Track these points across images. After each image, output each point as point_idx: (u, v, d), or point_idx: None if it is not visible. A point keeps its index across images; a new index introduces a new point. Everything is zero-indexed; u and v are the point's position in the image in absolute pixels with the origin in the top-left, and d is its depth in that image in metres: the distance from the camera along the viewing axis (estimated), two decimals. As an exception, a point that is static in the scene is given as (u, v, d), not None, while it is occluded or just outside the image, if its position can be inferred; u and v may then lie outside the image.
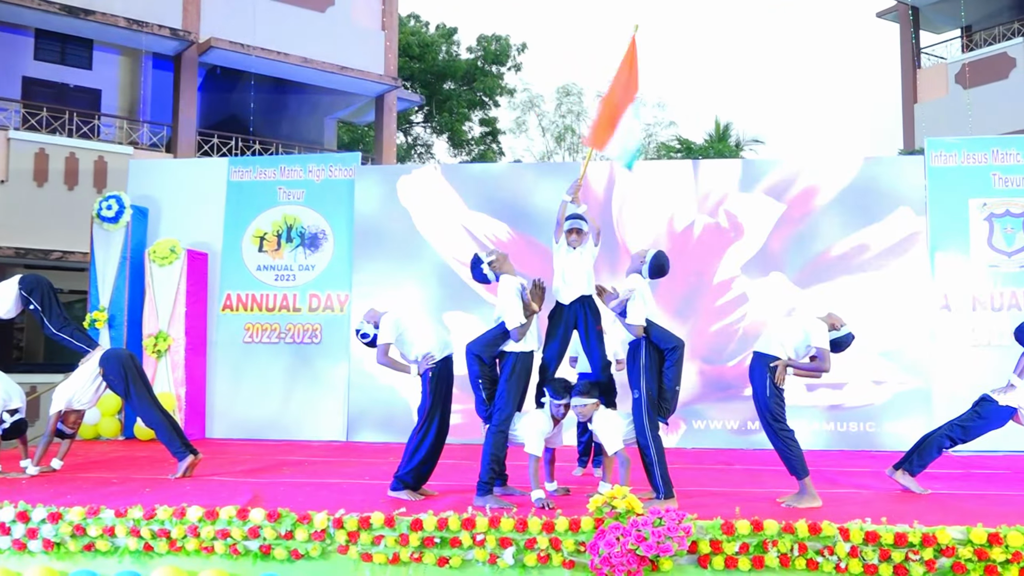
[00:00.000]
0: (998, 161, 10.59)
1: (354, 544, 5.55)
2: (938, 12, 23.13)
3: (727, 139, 31.31)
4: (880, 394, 10.22)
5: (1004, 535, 5.16)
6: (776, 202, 10.80)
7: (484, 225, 11.14)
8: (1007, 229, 10.46)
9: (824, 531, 5.26)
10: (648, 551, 5.13)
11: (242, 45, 17.26)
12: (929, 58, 23.57)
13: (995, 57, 21.18)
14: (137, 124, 17.47)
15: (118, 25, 16.07)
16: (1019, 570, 5.10)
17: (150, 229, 11.58)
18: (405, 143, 32.11)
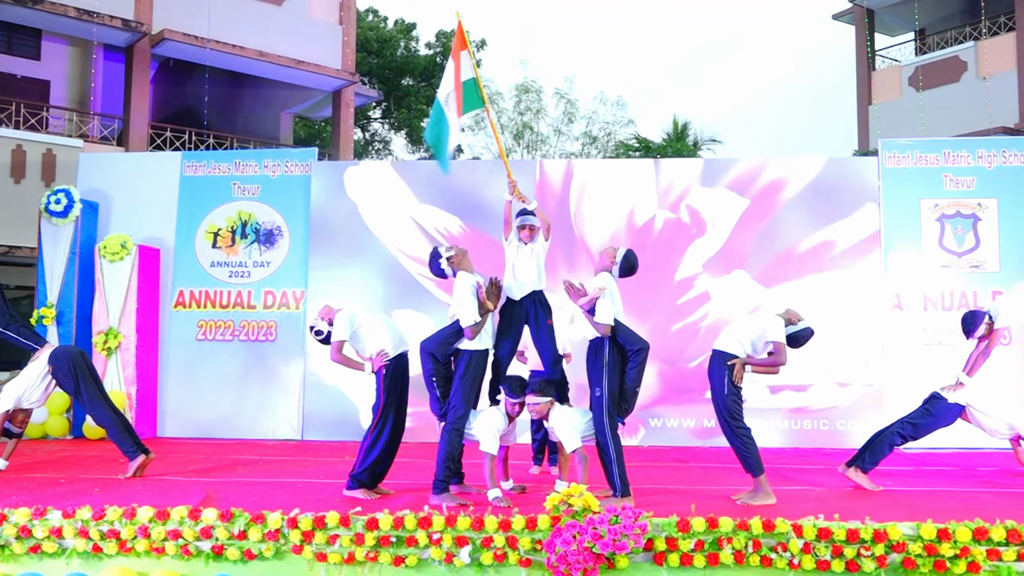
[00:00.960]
0: (950, 163, 10.79)
1: (309, 544, 5.51)
2: (892, 15, 23.51)
3: (685, 138, 31.53)
4: (838, 391, 10.36)
5: (953, 531, 5.27)
6: (739, 197, 10.81)
7: (435, 219, 11.07)
8: (957, 230, 10.67)
9: (778, 528, 5.32)
10: (604, 549, 5.16)
11: (196, 37, 17.02)
12: (883, 60, 23.94)
13: (947, 60, 21.57)
14: (87, 117, 17.16)
15: (67, 15, 15.78)
16: (967, 565, 5.21)
17: (100, 224, 11.40)
18: (363, 139, 31.92)
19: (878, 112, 22.76)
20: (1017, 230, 10.55)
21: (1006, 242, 10.57)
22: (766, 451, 7.01)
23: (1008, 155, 10.75)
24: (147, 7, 16.95)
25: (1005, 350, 10.16)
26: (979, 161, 10.76)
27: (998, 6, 21.12)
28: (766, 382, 10.05)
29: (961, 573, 5.22)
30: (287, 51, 18.29)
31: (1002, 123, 19.67)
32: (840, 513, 5.48)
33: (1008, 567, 5.23)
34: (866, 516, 5.44)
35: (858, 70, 23.76)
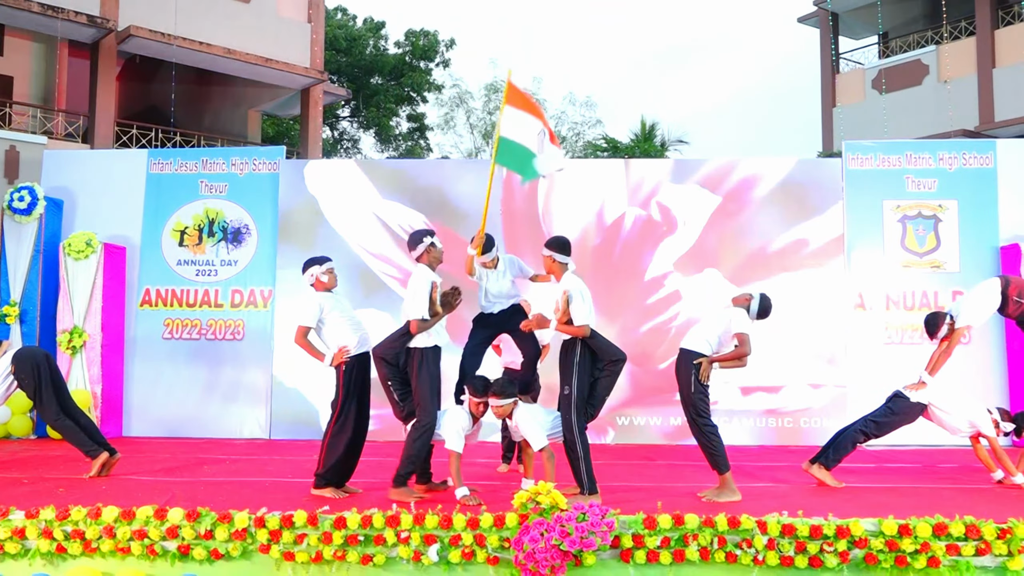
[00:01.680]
0: (911, 165, 10.93)
1: (276, 543, 5.47)
2: (857, 18, 23.75)
3: (653, 139, 31.69)
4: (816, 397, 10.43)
5: (913, 527, 5.34)
6: (711, 194, 10.80)
7: (398, 215, 10.98)
8: (919, 231, 10.81)
9: (743, 524, 5.36)
10: (572, 546, 5.18)
11: (163, 34, 16.84)
12: (847, 63, 24.20)
13: (910, 64, 21.84)
14: (52, 113, 16.93)
15: (31, 11, 15.55)
16: (927, 560, 5.29)
17: (65, 222, 11.26)
18: (331, 137, 31.75)
19: (842, 114, 23.00)
20: (976, 231, 10.71)
21: (966, 243, 10.72)
22: (732, 449, 7.06)
23: (968, 158, 10.91)
24: (113, 3, 16.75)
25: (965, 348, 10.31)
26: (940, 163, 10.91)
27: (959, 11, 21.43)
28: (738, 383, 10.13)
29: (922, 568, 5.29)
30: (255, 48, 18.14)
31: (962, 126, 19.95)
32: (803, 510, 5.53)
33: (967, 562, 5.31)
34: (829, 512, 5.50)
35: (822, 73, 23.99)
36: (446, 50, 32.38)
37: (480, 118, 32.90)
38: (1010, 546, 5.31)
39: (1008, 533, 5.33)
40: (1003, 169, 10.83)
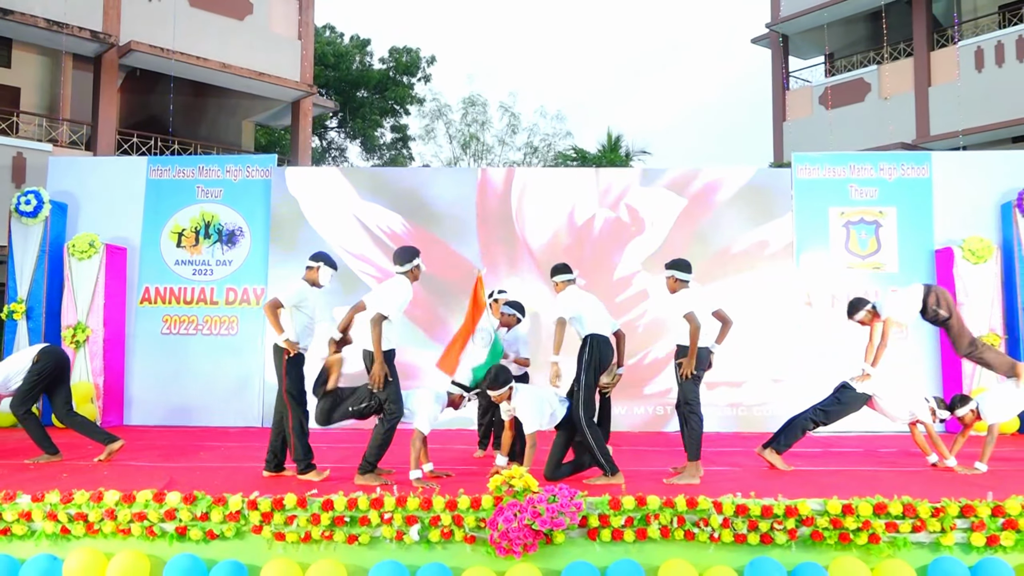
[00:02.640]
0: (855, 175, 11.03)
1: (268, 524, 5.44)
2: (805, 40, 23.92)
3: (618, 149, 31.72)
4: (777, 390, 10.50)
5: (856, 506, 5.39)
6: (678, 196, 10.79)
7: (377, 216, 10.93)
8: (862, 235, 10.92)
9: (700, 505, 5.40)
10: (543, 526, 5.19)
11: (162, 49, 16.67)
12: (796, 81, 24.36)
13: (853, 82, 22.02)
14: (57, 122, 16.70)
15: (38, 26, 15.33)
16: (868, 536, 5.34)
17: (69, 224, 11.13)
18: (320, 147, 31.59)
19: (791, 128, 23.15)
20: (913, 236, 10.84)
21: (904, 246, 10.84)
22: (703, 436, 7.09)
23: (906, 168, 11.03)
24: (115, 19, 16.55)
25: (903, 343, 10.44)
26: (880, 173, 11.02)
27: (898, 34, 21.64)
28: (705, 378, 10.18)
29: (863, 544, 5.35)
30: (249, 63, 18.01)
31: (901, 139, 20.15)
32: (756, 491, 5.58)
33: (904, 538, 5.37)
34: (778, 494, 5.54)
35: (773, 89, 24.13)
36: (427, 66, 32.32)
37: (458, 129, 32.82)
38: (943, 523, 5.39)
39: (941, 512, 5.40)
40: (937, 179, 10.95)
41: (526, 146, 33.31)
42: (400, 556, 5.36)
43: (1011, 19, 19.83)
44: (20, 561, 5.46)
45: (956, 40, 20.40)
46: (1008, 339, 10.34)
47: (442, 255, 10.69)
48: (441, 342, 10.42)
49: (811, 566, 5.26)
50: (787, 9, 23.26)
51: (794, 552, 5.36)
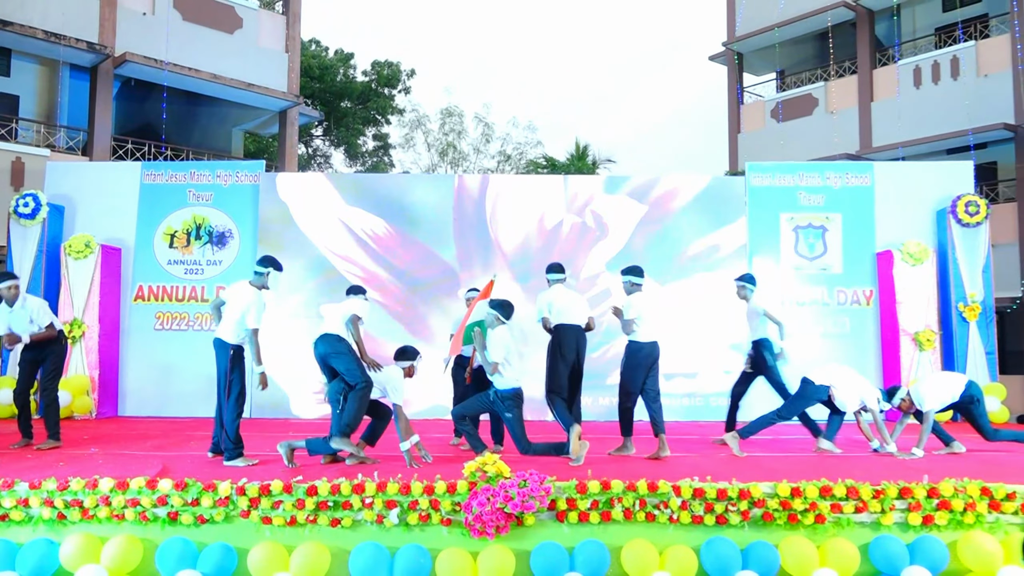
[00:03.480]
0: (803, 183, 11.15)
1: (255, 509, 5.41)
2: (758, 57, 24.11)
3: (586, 158, 31.77)
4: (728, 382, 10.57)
5: (803, 489, 5.45)
6: (638, 203, 10.88)
7: (362, 220, 10.90)
8: (809, 239, 11.04)
9: (660, 489, 5.43)
10: (515, 509, 5.20)
11: (155, 60, 16.46)
12: (750, 95, 24.54)
13: (802, 97, 22.23)
14: (54, 129, 16.42)
15: (36, 36, 15.08)
16: (815, 517, 5.40)
17: (66, 225, 10.97)
18: (306, 154, 31.34)
19: (745, 139, 23.32)
20: (857, 240, 10.97)
21: (848, 249, 10.98)
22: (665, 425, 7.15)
23: (850, 177, 11.16)
24: (111, 31, 16.32)
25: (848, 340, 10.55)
26: (827, 182, 11.14)
27: (844, 53, 21.87)
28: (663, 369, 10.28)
29: (810, 524, 5.41)
30: (238, 74, 17.83)
31: (845, 150, 20.37)
32: (711, 476, 5.62)
33: (848, 519, 5.44)
34: (732, 478, 5.59)
35: (729, 103, 24.28)
36: (407, 79, 32.18)
37: (436, 138, 32.71)
38: (883, 504, 5.46)
39: (881, 494, 5.48)
40: (879, 187, 11.10)
41: (500, 154, 33.29)
42: (380, 538, 5.34)
43: (947, 40, 20.12)
44: (18, 545, 5.38)
45: (896, 59, 20.67)
46: (942, 334, 10.50)
47: (421, 256, 10.69)
48: (420, 336, 10.42)
49: (763, 545, 5.31)
50: (742, 29, 23.44)
51: (747, 532, 5.41)
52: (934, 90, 19.30)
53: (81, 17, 15.89)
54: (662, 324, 7.22)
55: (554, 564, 5.15)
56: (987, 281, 10.52)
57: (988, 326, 10.43)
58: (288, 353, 10.04)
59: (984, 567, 5.31)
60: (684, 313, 10.53)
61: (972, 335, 10.35)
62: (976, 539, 5.38)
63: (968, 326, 10.37)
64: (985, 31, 19.51)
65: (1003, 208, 17.84)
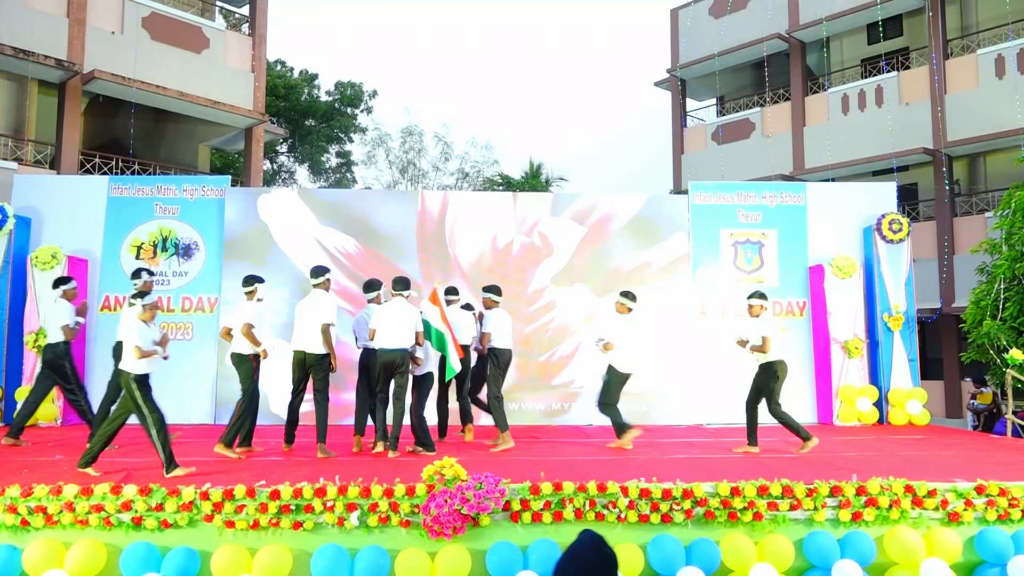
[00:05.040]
0: (742, 201, 11.32)
1: (219, 513, 5.29)
2: (700, 84, 24.50)
3: (540, 176, 31.92)
4: (655, 381, 10.66)
5: (742, 488, 5.52)
6: (580, 226, 11.04)
7: (334, 239, 10.86)
8: (747, 253, 11.20)
9: (609, 489, 5.45)
10: (471, 510, 5.17)
11: (123, 78, 16.12)
12: (693, 119, 24.91)
13: (741, 121, 22.64)
14: (22, 142, 15.97)
15: (4, 52, 14.66)
16: (753, 515, 5.47)
17: (32, 237, 10.64)
18: (271, 169, 30.98)
19: (688, 160, 23.65)
20: (791, 254, 11.16)
21: (783, 263, 11.16)
22: (601, 429, 7.16)
23: (785, 196, 11.36)
24: (79, 49, 15.94)
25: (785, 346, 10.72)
26: (763, 200, 11.33)
27: (778, 81, 22.34)
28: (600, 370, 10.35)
29: (749, 521, 5.47)
30: (205, 92, 17.55)
31: (780, 171, 20.80)
32: (657, 476, 5.65)
33: (783, 516, 5.52)
34: (676, 479, 5.63)
35: (673, 126, 24.63)
36: (369, 99, 32.08)
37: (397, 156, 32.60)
38: (816, 502, 5.55)
39: (814, 492, 5.57)
40: (811, 206, 11.32)
41: (458, 172, 33.29)
42: (342, 540, 5.27)
43: (871, 71, 20.69)
44: (-20, 552, 5.18)
45: (826, 88, 21.17)
46: (869, 342, 10.72)
47: (388, 271, 10.63)
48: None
49: (705, 542, 5.36)
50: (684, 57, 23.82)
51: (690, 529, 5.45)
52: (860, 116, 19.81)
53: (50, 35, 15.51)
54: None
55: (509, 563, 5.13)
56: (909, 293, 10.78)
57: (911, 335, 10.67)
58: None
59: (908, 560, 5.42)
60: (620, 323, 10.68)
61: (896, 343, 10.59)
62: (901, 534, 5.49)
63: (893, 335, 10.60)
64: (906, 63, 20.11)
65: (923, 226, 18.37)
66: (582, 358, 10.62)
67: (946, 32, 18.92)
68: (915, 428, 10.02)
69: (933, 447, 8.05)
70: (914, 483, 5.65)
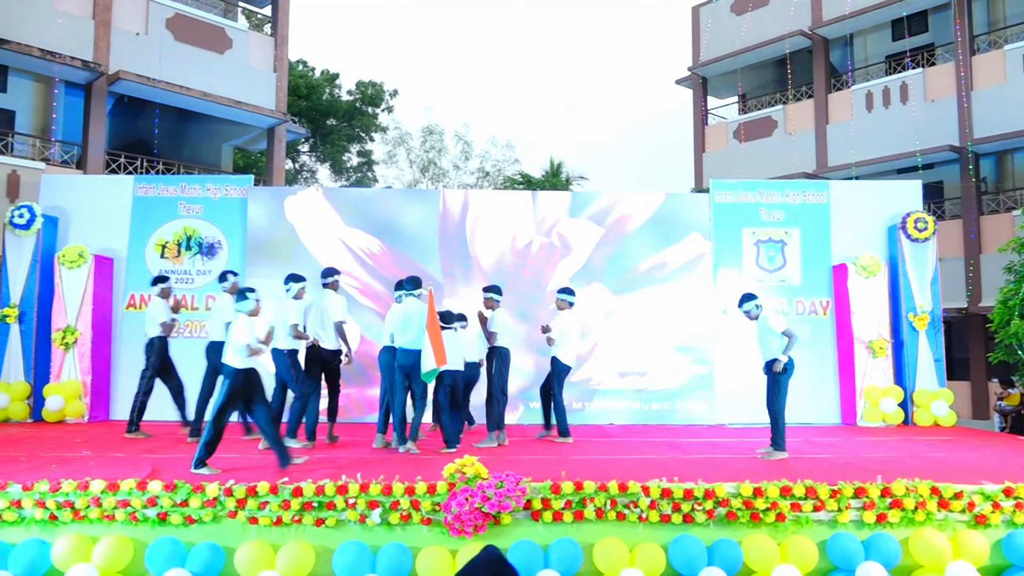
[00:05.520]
0: (764, 200, 11.23)
1: (242, 510, 5.34)
2: (721, 82, 24.34)
3: (560, 175, 31.87)
4: (675, 380, 10.63)
5: (765, 489, 5.49)
6: (597, 226, 11.04)
7: (359, 240, 10.93)
8: (770, 252, 11.11)
9: (630, 489, 5.44)
10: (492, 508, 5.18)
11: (148, 78, 16.31)
12: (714, 117, 24.76)
13: (763, 119, 22.46)
14: (49, 143, 16.20)
15: (32, 55, 14.88)
16: (776, 516, 5.43)
17: (60, 236, 10.79)
18: (293, 169, 31.19)
19: (710, 159, 23.50)
20: (814, 253, 11.06)
21: (806, 262, 11.07)
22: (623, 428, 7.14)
23: (808, 195, 11.27)
24: (105, 50, 16.15)
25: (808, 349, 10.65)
26: (786, 199, 11.23)
27: (801, 79, 22.15)
28: (617, 368, 10.44)
29: (771, 522, 5.44)
30: (228, 92, 17.70)
31: (803, 169, 20.61)
32: (679, 476, 5.63)
33: (807, 517, 5.48)
34: (698, 479, 5.61)
35: (694, 124, 24.47)
36: (390, 98, 32.18)
37: (417, 155, 32.71)
38: (839, 503, 5.51)
39: (838, 493, 5.53)
40: (834, 204, 11.21)
41: (478, 171, 33.33)
42: (363, 537, 5.30)
43: (896, 67, 20.46)
44: (11, 545, 5.28)
45: (850, 85, 20.96)
46: (894, 342, 10.61)
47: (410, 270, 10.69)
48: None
49: (727, 542, 5.33)
50: (706, 55, 23.67)
51: (712, 530, 5.43)
52: (885, 114, 19.60)
53: (77, 36, 15.72)
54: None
55: (530, 561, 5.14)
56: (935, 293, 10.65)
57: (936, 335, 10.55)
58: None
59: (934, 562, 5.37)
60: (637, 321, 10.72)
61: (922, 343, 10.47)
62: (927, 536, 5.43)
63: (918, 335, 10.48)
64: (932, 59, 19.86)
65: (949, 224, 18.14)
66: (599, 356, 10.64)
67: (972, 27, 18.66)
68: (941, 429, 9.91)
69: (960, 449, 7.95)
70: (940, 485, 5.59)
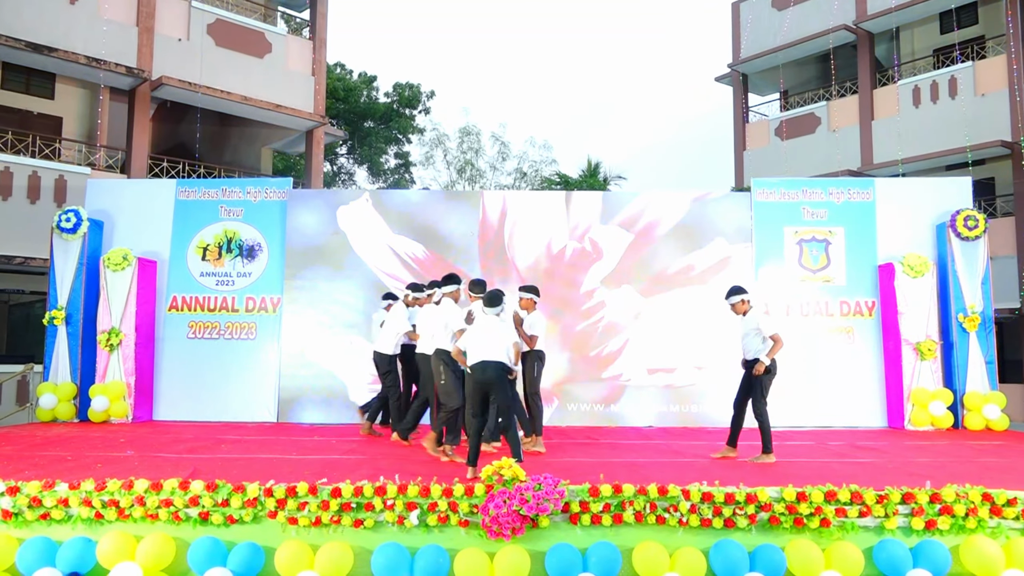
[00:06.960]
0: (807, 198, 11.07)
1: (282, 510, 5.41)
2: (762, 78, 24.04)
3: (597, 175, 31.76)
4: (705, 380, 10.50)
5: (809, 493, 5.39)
6: (627, 232, 11.09)
7: (405, 246, 11.11)
8: (813, 252, 10.95)
9: (670, 493, 5.39)
10: (529, 511, 5.17)
11: (190, 83, 16.63)
12: (755, 115, 24.46)
13: (805, 116, 22.13)
14: (94, 148, 16.60)
15: (79, 62, 15.26)
16: (820, 521, 5.34)
17: (105, 239, 11.05)
18: (331, 171, 31.55)
19: (751, 157, 23.23)
20: (859, 252, 10.87)
21: (851, 262, 10.88)
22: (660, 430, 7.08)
23: (852, 193, 11.07)
24: (148, 57, 16.49)
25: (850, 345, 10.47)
26: (830, 197, 11.06)
27: (845, 74, 21.77)
28: (647, 365, 10.61)
29: (816, 528, 5.35)
30: (268, 96, 17.95)
31: (847, 167, 20.26)
32: (720, 480, 5.57)
33: (852, 522, 5.37)
34: (740, 483, 5.54)
35: (735, 122, 24.22)
36: (427, 100, 32.37)
37: (455, 156, 32.86)
38: (886, 509, 5.39)
39: (885, 499, 5.41)
40: (880, 202, 11.00)
41: (516, 172, 33.37)
42: (401, 539, 5.33)
43: (944, 61, 20.00)
44: (58, 543, 5.41)
45: (896, 79, 20.55)
46: (943, 344, 10.37)
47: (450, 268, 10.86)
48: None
49: (769, 547, 5.25)
50: (746, 51, 23.41)
51: (754, 535, 5.35)
52: (933, 109, 19.17)
53: (121, 43, 16.07)
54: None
55: (568, 565, 5.12)
56: (986, 292, 10.39)
57: (988, 336, 10.29)
58: (348, 352, 10.76)
59: (986, 571, 5.22)
60: (668, 321, 10.78)
61: (972, 345, 10.22)
62: (978, 543, 5.29)
63: (968, 336, 10.23)
64: (982, 52, 19.38)
65: (1001, 222, 17.67)
66: (629, 354, 10.71)
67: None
68: (993, 433, 9.66)
69: (1013, 454, 7.74)
70: (992, 491, 5.44)
